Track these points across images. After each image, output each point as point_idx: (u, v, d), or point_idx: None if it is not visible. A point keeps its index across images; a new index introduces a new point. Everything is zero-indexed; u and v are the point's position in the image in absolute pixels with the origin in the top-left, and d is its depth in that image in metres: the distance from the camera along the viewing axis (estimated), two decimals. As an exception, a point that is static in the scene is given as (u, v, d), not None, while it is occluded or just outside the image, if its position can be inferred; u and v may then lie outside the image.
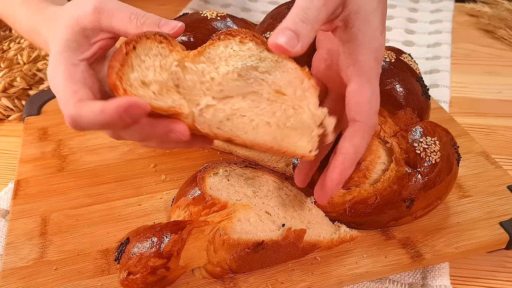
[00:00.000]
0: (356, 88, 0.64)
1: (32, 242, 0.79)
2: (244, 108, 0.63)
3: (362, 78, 0.64)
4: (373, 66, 0.65)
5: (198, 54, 0.65)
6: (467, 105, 1.23)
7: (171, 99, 0.61)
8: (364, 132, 0.64)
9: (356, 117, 0.64)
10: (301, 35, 0.60)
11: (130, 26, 0.67)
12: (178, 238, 0.68)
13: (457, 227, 0.82)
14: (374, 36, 0.65)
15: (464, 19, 1.66)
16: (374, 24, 0.65)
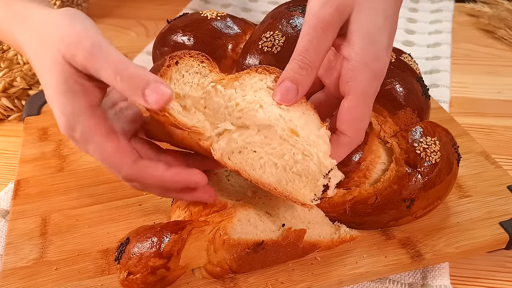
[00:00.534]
0: (352, 105, 0.65)
1: (32, 242, 0.79)
2: (256, 142, 0.66)
3: (359, 97, 0.65)
4: (373, 86, 0.66)
5: (234, 79, 0.69)
6: (467, 105, 1.23)
7: (196, 119, 0.65)
8: (349, 146, 0.68)
9: (346, 131, 0.67)
10: (300, 82, 0.66)
11: (115, 85, 0.62)
12: (178, 238, 0.67)
13: (457, 227, 0.82)
14: (377, 56, 0.65)
15: (464, 19, 1.66)
16: (379, 44, 0.65)
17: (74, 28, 0.64)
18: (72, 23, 0.65)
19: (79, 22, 0.66)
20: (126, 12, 1.69)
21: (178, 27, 0.96)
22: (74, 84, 0.64)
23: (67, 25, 0.65)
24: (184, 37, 0.94)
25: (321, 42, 0.65)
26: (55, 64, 0.64)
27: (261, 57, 0.87)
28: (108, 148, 0.65)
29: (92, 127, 0.65)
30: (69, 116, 0.65)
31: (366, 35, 0.64)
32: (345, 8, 0.65)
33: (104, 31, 1.55)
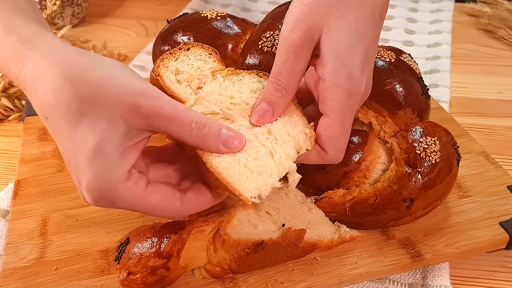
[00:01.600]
0: (328, 124, 0.66)
1: (32, 242, 0.79)
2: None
3: (335, 116, 0.66)
4: (347, 106, 0.66)
5: (235, 73, 0.73)
6: (467, 105, 1.23)
7: (184, 91, 0.70)
8: (326, 161, 0.69)
9: (324, 147, 0.67)
10: (275, 103, 0.68)
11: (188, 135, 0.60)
12: (178, 238, 0.67)
13: (457, 227, 0.82)
14: (350, 76, 0.65)
15: (464, 19, 1.66)
16: (352, 63, 0.65)
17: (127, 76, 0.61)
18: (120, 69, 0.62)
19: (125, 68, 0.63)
20: (126, 12, 1.69)
21: (178, 27, 0.96)
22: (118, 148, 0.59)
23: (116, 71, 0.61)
24: (184, 37, 0.94)
25: (294, 65, 0.66)
26: (106, 121, 0.58)
27: (261, 57, 0.87)
28: (153, 205, 0.63)
29: (132, 191, 0.61)
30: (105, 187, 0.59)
31: (337, 56, 0.64)
32: (314, 30, 0.65)
33: (104, 31, 1.56)
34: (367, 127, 0.85)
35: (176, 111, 0.59)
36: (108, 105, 0.58)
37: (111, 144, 0.58)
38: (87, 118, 0.58)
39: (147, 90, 0.59)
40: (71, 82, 0.58)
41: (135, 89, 0.58)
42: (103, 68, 0.60)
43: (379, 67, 0.83)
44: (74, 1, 1.49)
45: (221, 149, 0.62)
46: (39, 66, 0.61)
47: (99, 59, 0.62)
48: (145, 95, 0.58)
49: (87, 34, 1.49)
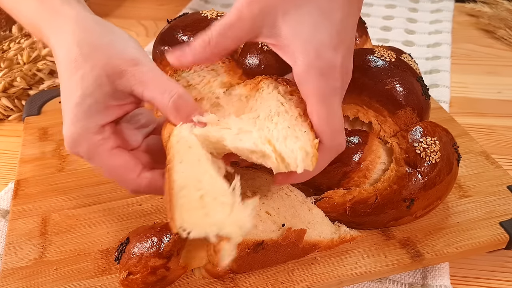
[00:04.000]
0: (311, 109, 0.64)
1: (32, 242, 0.79)
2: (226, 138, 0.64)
3: (314, 98, 0.63)
4: (325, 85, 0.63)
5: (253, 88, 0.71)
6: (467, 105, 1.23)
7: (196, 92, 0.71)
8: (325, 153, 0.66)
9: (319, 137, 0.64)
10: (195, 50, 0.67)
11: (160, 100, 0.65)
12: (178, 238, 0.67)
13: (457, 227, 0.82)
14: (318, 54, 0.62)
15: (464, 19, 1.66)
16: (318, 41, 0.63)
17: (124, 48, 0.68)
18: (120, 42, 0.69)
19: (131, 40, 0.71)
20: (126, 12, 1.70)
21: (178, 26, 0.96)
22: (99, 103, 0.66)
23: (115, 44, 0.68)
24: (184, 37, 0.94)
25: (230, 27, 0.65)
26: (94, 76, 0.66)
27: (261, 56, 0.87)
28: (111, 166, 0.69)
29: (96, 144, 0.67)
30: (78, 131, 0.67)
31: (299, 36, 0.62)
32: (270, 11, 0.63)
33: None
34: (367, 127, 0.84)
35: (153, 77, 0.66)
36: (99, 65, 0.65)
37: (92, 97, 0.66)
38: (81, 71, 0.66)
39: (135, 58, 0.66)
40: (78, 43, 0.67)
41: (126, 56, 0.66)
42: (107, 36, 0.69)
43: (379, 67, 0.83)
44: (74, 1, 1.49)
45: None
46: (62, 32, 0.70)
47: (110, 29, 0.71)
48: (132, 61, 0.66)
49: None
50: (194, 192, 0.56)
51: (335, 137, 0.65)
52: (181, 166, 0.59)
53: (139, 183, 0.68)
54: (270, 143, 0.62)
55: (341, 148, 0.67)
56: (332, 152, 0.67)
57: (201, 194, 0.56)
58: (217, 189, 0.57)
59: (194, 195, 0.56)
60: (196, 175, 0.58)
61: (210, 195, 0.56)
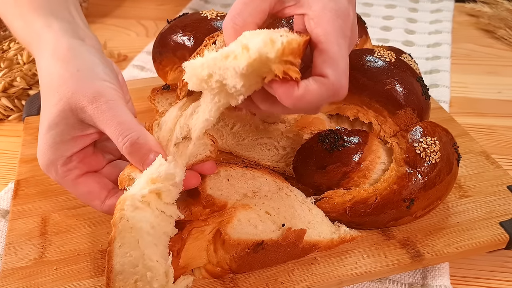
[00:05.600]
0: (323, 48, 0.63)
1: (32, 242, 0.79)
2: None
3: (327, 37, 0.63)
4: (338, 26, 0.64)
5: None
6: (467, 105, 1.23)
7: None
8: (327, 89, 0.62)
9: (323, 71, 0.62)
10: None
11: (117, 144, 0.69)
12: (178, 238, 0.67)
13: (457, 227, 0.82)
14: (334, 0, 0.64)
15: (464, 19, 1.66)
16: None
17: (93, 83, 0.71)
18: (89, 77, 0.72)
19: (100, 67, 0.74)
20: (126, 12, 1.70)
21: (178, 27, 0.96)
22: (64, 134, 0.71)
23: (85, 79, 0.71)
24: (184, 37, 0.94)
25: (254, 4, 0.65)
26: (59, 109, 0.70)
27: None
28: (77, 194, 0.76)
29: (62, 175, 0.74)
30: (47, 161, 0.74)
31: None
32: None
33: (104, 31, 1.56)
34: (367, 127, 0.85)
35: (111, 117, 0.68)
36: (64, 99, 0.70)
37: (58, 128, 0.70)
38: (51, 102, 0.71)
39: (97, 94, 0.69)
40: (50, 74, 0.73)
41: (88, 91, 0.69)
42: (76, 66, 0.72)
43: (379, 67, 0.83)
44: (74, 1, 1.49)
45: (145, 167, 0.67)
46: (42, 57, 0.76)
47: (81, 56, 0.74)
48: (94, 98, 0.69)
49: (87, 34, 1.49)
50: (130, 276, 0.60)
51: (341, 76, 0.63)
52: (120, 251, 0.61)
53: (104, 209, 0.75)
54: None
55: (342, 92, 0.64)
56: (334, 90, 0.62)
57: (136, 279, 0.59)
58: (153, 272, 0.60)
59: (129, 280, 0.59)
60: (133, 261, 0.60)
61: (144, 280, 0.59)
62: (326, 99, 0.63)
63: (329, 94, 0.62)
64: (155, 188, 0.63)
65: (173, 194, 0.65)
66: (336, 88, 0.62)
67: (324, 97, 0.62)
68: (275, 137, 0.89)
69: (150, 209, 0.63)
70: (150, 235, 0.62)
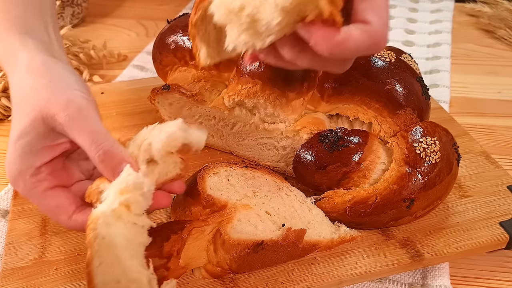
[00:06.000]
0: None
1: (32, 242, 0.79)
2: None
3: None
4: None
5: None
6: (467, 105, 1.23)
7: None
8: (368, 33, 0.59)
9: (366, 18, 0.59)
10: None
11: (89, 153, 0.67)
12: (178, 238, 0.67)
13: (457, 227, 0.82)
14: None
15: (464, 19, 1.67)
16: None
17: (63, 92, 0.70)
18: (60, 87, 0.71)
19: (72, 78, 0.73)
20: (126, 12, 1.70)
21: (178, 27, 0.96)
22: (33, 144, 0.69)
23: (55, 89, 0.70)
24: (184, 37, 0.94)
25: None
26: (31, 118, 0.68)
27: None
28: (43, 206, 0.71)
29: (30, 187, 0.70)
30: (14, 173, 0.70)
31: None
32: None
33: (104, 31, 1.56)
34: (367, 127, 0.85)
35: (83, 125, 0.67)
36: (36, 109, 0.68)
37: (27, 138, 0.68)
38: (21, 113, 0.70)
39: (69, 102, 0.68)
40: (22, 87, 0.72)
41: (59, 99, 0.68)
42: (48, 77, 0.71)
43: (379, 67, 0.84)
44: (74, 1, 1.49)
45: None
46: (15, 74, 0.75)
47: (53, 69, 0.73)
48: (66, 106, 0.67)
49: (87, 34, 1.49)
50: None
51: (385, 25, 0.60)
52: (99, 270, 0.61)
53: (70, 225, 0.71)
54: None
55: (383, 43, 0.60)
56: (376, 39, 0.59)
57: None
58: (137, 283, 0.60)
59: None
60: (115, 277, 0.60)
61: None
62: (366, 49, 0.60)
63: (371, 43, 0.59)
64: (124, 199, 0.62)
65: (142, 205, 0.64)
66: (379, 38, 0.59)
67: (365, 46, 0.59)
68: (275, 137, 0.89)
69: (122, 223, 0.62)
70: (127, 248, 0.61)
